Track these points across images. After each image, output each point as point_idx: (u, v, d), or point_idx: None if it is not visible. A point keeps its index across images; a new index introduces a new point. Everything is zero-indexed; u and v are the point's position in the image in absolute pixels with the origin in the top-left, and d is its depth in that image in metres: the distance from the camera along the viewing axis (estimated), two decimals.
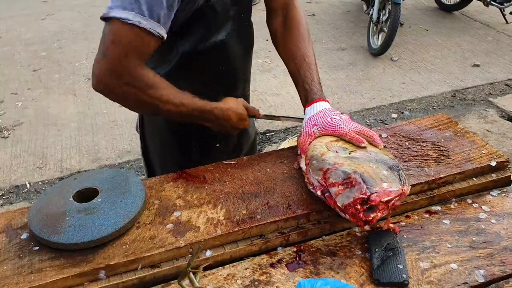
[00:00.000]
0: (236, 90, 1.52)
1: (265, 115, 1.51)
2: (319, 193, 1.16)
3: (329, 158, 1.18)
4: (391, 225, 1.14)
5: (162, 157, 1.62)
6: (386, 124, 3.68)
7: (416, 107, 3.95)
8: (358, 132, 1.27)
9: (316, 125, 1.31)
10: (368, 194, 1.05)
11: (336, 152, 1.22)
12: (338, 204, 1.09)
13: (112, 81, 1.18)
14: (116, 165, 3.32)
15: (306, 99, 1.40)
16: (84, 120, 3.84)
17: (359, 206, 1.06)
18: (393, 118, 3.80)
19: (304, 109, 1.39)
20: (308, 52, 1.48)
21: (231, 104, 1.39)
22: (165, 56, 1.39)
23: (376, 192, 1.06)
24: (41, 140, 3.62)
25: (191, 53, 1.37)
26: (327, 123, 1.30)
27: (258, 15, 1.61)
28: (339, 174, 1.12)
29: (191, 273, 1.01)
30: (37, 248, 1.09)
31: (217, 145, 1.58)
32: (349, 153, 1.22)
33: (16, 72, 4.67)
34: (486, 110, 3.84)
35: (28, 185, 3.16)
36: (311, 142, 1.30)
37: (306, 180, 1.23)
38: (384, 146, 1.31)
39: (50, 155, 3.44)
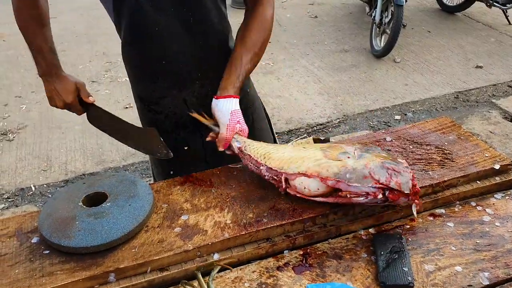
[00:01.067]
0: (186, 88, 1.49)
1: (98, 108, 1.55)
2: (380, 196, 1.15)
3: (357, 165, 1.17)
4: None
5: (154, 165, 1.70)
6: (389, 126, 3.69)
7: (419, 108, 3.95)
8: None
9: (239, 123, 1.37)
10: (410, 170, 1.17)
11: (344, 159, 1.20)
12: (406, 191, 1.14)
13: None
14: (121, 168, 3.33)
15: (224, 88, 1.40)
16: (88, 123, 3.85)
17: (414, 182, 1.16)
18: (396, 119, 3.81)
19: (220, 97, 1.39)
20: (249, 49, 1.43)
21: (58, 85, 1.44)
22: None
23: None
24: (46, 143, 3.63)
25: (129, 41, 1.44)
26: (244, 128, 1.39)
27: None
28: (382, 171, 1.15)
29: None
30: (47, 251, 1.11)
31: (185, 148, 1.57)
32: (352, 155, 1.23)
33: (20, 75, 4.69)
34: (489, 112, 3.84)
35: (33, 188, 3.17)
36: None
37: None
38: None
39: (55, 158, 3.46)
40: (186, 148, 1.56)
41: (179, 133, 1.55)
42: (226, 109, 1.36)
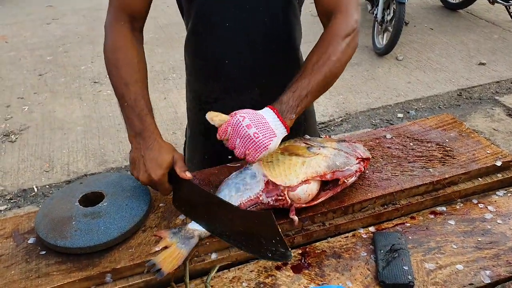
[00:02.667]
0: (245, 93, 1.40)
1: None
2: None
3: (332, 152, 1.22)
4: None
5: (190, 150, 1.61)
6: (392, 124, 3.67)
7: (422, 106, 3.93)
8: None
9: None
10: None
11: (318, 152, 1.20)
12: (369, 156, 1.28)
13: (105, 22, 1.30)
14: (123, 168, 3.33)
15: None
16: (90, 124, 3.86)
17: None
18: (399, 117, 3.79)
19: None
20: (316, 66, 1.17)
21: (149, 154, 1.15)
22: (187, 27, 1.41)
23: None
24: (48, 144, 3.64)
25: (195, 31, 1.36)
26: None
27: None
28: (355, 148, 1.26)
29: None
30: (44, 252, 1.10)
31: (229, 157, 1.38)
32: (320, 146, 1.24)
33: (22, 76, 4.70)
34: (492, 109, 3.82)
35: (35, 189, 3.18)
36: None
37: None
38: (389, 148, 1.31)
39: (57, 159, 3.46)
40: (230, 157, 1.36)
41: None
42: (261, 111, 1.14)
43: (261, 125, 1.08)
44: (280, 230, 1.01)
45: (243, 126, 1.08)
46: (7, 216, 1.38)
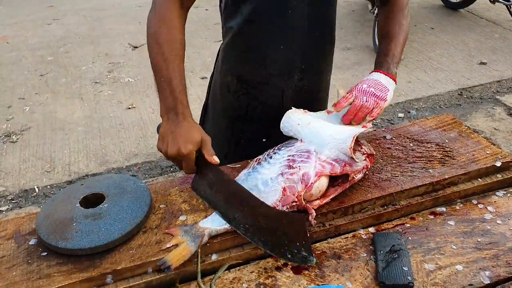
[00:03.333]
0: (287, 78, 1.47)
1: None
2: None
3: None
4: None
5: (219, 142, 1.56)
6: (392, 124, 3.67)
7: (423, 106, 3.93)
8: (354, 105, 1.30)
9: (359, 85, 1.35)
10: None
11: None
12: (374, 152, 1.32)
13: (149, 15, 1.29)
14: (124, 168, 3.34)
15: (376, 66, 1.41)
16: (91, 124, 3.86)
17: None
18: (400, 117, 3.79)
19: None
20: (397, 33, 1.43)
21: (180, 129, 1.15)
22: (230, 19, 1.44)
23: None
24: (49, 144, 3.64)
25: (253, 20, 1.39)
26: (358, 86, 1.34)
27: None
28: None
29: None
30: (45, 253, 1.11)
31: (264, 140, 1.54)
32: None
33: (23, 77, 4.71)
34: (493, 108, 3.81)
35: (36, 189, 3.18)
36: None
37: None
38: (389, 148, 1.32)
39: (58, 159, 3.47)
40: (264, 140, 1.53)
41: (263, 124, 1.52)
42: (367, 77, 1.37)
43: (377, 85, 1.33)
44: (308, 235, 1.07)
45: (365, 88, 1.32)
46: (8, 217, 1.38)
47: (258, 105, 1.52)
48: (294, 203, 1.14)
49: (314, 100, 1.58)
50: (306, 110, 1.37)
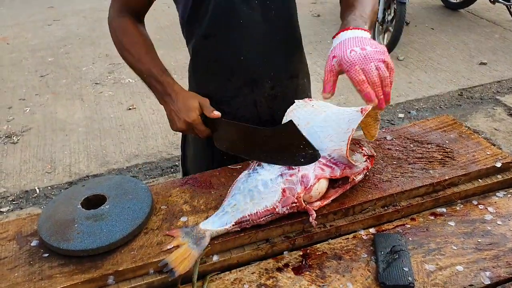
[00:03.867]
0: (258, 88, 1.44)
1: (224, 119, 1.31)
2: None
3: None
4: None
5: (196, 165, 1.62)
6: (393, 124, 3.68)
7: (423, 106, 3.94)
8: (374, 83, 1.08)
9: (336, 57, 1.12)
10: None
11: None
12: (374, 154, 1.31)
13: (108, 18, 1.43)
14: (124, 169, 3.34)
15: (342, 24, 1.23)
16: (92, 125, 3.87)
17: None
18: (400, 118, 3.79)
19: (341, 31, 1.19)
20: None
21: (177, 105, 1.32)
22: (189, 38, 1.45)
23: None
24: (50, 145, 3.65)
25: (209, 34, 1.38)
26: (345, 57, 1.10)
27: None
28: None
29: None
30: (47, 255, 1.11)
31: None
32: None
33: (24, 78, 4.72)
34: (493, 109, 3.82)
35: (37, 190, 3.19)
36: (334, 79, 1.15)
37: None
38: (389, 149, 1.31)
39: (59, 160, 3.48)
40: None
41: None
42: (337, 41, 1.16)
43: (367, 42, 1.12)
44: (304, 135, 1.15)
45: (365, 53, 1.09)
46: (10, 218, 1.39)
47: (232, 120, 1.46)
48: (294, 204, 1.15)
49: (275, 101, 1.51)
50: (311, 99, 1.36)
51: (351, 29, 1.14)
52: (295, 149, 1.17)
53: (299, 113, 1.32)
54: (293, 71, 1.51)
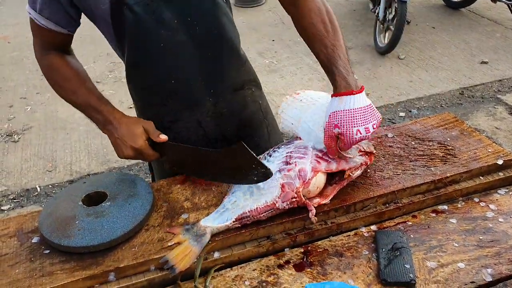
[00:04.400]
0: (199, 108, 1.38)
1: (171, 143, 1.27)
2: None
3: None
4: None
5: (159, 171, 1.60)
6: (394, 123, 3.67)
7: (424, 105, 3.93)
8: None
9: (338, 128, 1.14)
10: None
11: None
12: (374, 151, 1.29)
13: (36, 57, 1.38)
14: (125, 168, 3.34)
15: (335, 84, 1.18)
16: (93, 124, 3.83)
17: None
18: (401, 116, 3.79)
19: (332, 96, 1.18)
20: (322, 32, 1.25)
21: (121, 132, 1.26)
22: (124, 68, 1.38)
23: None
24: (51, 144, 3.65)
25: (134, 63, 1.32)
26: (350, 136, 1.13)
27: (263, 16, 1.57)
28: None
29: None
30: (48, 251, 1.11)
31: None
32: None
33: (25, 76, 4.72)
34: (495, 108, 3.81)
35: (38, 189, 3.19)
36: (335, 144, 1.17)
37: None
38: (391, 147, 1.31)
39: (60, 159, 3.48)
40: None
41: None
42: (327, 112, 1.17)
43: (368, 114, 1.16)
44: (254, 155, 1.12)
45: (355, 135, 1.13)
46: (11, 216, 1.39)
47: (174, 136, 1.41)
48: (294, 199, 1.14)
49: (245, 116, 1.48)
50: (298, 93, 1.35)
51: (354, 94, 1.14)
52: (246, 169, 1.14)
53: (290, 112, 1.32)
54: (235, 84, 1.43)
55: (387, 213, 1.22)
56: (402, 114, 3.82)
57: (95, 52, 5.07)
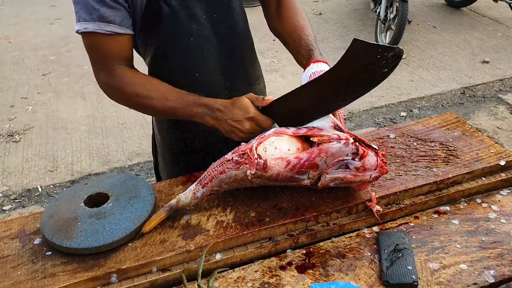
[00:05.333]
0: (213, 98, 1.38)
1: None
2: None
3: None
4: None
5: (171, 174, 1.60)
6: (395, 123, 3.67)
7: (425, 105, 3.93)
8: None
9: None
10: None
11: None
12: (374, 146, 1.17)
13: (101, 84, 1.33)
14: (126, 167, 3.34)
15: (312, 57, 1.33)
16: (94, 123, 3.87)
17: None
18: (402, 116, 3.78)
19: (309, 64, 1.31)
20: (307, 24, 1.43)
21: (230, 112, 1.25)
22: (145, 60, 1.42)
23: None
24: (52, 144, 3.65)
25: (164, 56, 1.36)
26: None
27: (263, 16, 1.58)
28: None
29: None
30: (50, 253, 1.11)
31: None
32: None
33: (26, 76, 4.71)
34: (496, 107, 3.81)
35: (39, 189, 3.19)
36: None
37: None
38: (393, 147, 1.31)
39: (61, 159, 3.48)
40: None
41: (207, 152, 1.50)
42: (307, 74, 1.28)
43: None
44: (374, 43, 1.05)
45: None
46: (13, 217, 1.39)
47: (194, 137, 1.49)
48: (244, 153, 1.14)
49: None
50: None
51: (328, 64, 1.29)
52: (374, 63, 1.06)
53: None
54: (249, 78, 1.53)
55: (389, 214, 1.22)
56: (403, 113, 3.82)
57: None
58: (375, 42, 1.06)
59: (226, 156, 1.18)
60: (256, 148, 1.13)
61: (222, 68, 1.42)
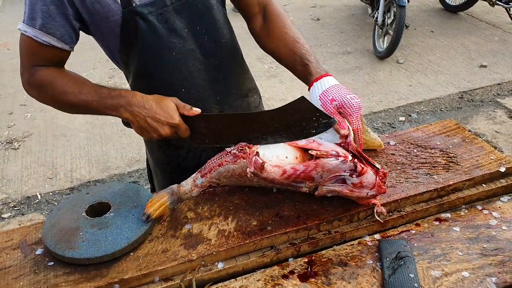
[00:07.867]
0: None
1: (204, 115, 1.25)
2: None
3: None
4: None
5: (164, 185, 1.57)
6: (393, 128, 3.68)
7: (424, 109, 3.94)
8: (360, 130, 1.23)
9: (335, 101, 1.20)
10: None
11: None
12: (376, 164, 1.17)
13: (24, 83, 1.32)
14: (126, 174, 3.34)
15: (311, 74, 1.28)
16: (93, 130, 3.87)
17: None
18: (401, 121, 3.79)
19: (312, 84, 1.27)
20: (297, 35, 1.37)
21: (153, 110, 1.21)
22: (127, 78, 1.40)
23: None
24: (51, 151, 3.65)
25: (145, 72, 1.33)
26: (347, 101, 1.19)
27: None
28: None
29: None
30: (52, 263, 1.11)
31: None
32: None
33: None
34: (494, 111, 3.82)
35: (39, 196, 3.19)
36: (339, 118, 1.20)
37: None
38: (393, 154, 1.32)
39: (60, 166, 3.47)
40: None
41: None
42: (315, 96, 1.23)
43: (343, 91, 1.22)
44: (317, 107, 1.11)
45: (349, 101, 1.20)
46: (12, 225, 1.38)
47: (186, 154, 1.46)
48: (242, 148, 1.17)
49: None
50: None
51: (329, 76, 1.26)
52: (306, 124, 1.13)
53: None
54: (241, 91, 1.48)
55: (390, 221, 1.22)
56: (401, 118, 3.83)
57: (94, 59, 5.08)
58: (316, 107, 1.12)
59: (226, 149, 1.21)
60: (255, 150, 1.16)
61: (210, 82, 1.38)
